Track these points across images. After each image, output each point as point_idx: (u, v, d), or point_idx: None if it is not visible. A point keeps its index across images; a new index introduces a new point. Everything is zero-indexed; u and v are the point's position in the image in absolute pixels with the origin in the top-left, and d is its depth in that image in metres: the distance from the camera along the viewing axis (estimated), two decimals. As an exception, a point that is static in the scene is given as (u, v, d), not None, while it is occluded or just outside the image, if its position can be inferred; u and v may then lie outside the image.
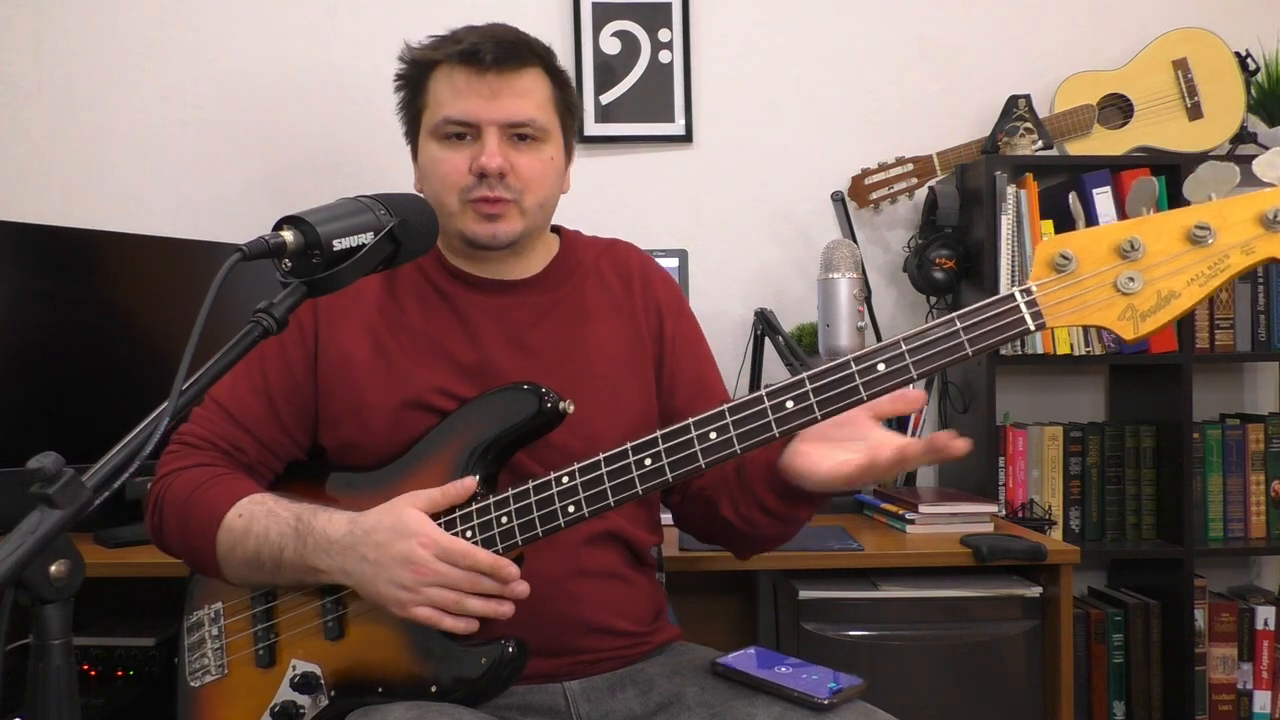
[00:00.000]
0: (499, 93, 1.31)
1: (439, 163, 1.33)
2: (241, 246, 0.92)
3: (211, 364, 0.92)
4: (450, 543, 1.13)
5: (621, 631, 1.33)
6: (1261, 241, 0.99)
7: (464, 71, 1.31)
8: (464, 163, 1.31)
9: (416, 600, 1.13)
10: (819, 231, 2.49)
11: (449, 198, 1.32)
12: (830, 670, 1.24)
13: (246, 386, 1.32)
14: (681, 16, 2.50)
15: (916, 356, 1.07)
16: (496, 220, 1.32)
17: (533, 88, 1.33)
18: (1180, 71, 2.49)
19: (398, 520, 1.14)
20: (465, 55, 1.30)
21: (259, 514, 1.22)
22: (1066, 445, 2.40)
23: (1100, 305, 1.02)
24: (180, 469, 1.29)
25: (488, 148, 1.30)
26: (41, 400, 1.97)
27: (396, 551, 1.13)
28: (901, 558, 1.91)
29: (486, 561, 1.13)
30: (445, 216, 1.32)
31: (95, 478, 0.81)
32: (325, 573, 1.18)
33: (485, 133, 1.31)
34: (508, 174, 1.31)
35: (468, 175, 1.31)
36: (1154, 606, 2.34)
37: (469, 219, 1.32)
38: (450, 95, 1.32)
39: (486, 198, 1.31)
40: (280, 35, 2.48)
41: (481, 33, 1.33)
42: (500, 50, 1.30)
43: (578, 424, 1.25)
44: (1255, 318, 2.40)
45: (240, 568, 1.24)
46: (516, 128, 1.32)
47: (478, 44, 1.30)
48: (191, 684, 1.32)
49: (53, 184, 2.45)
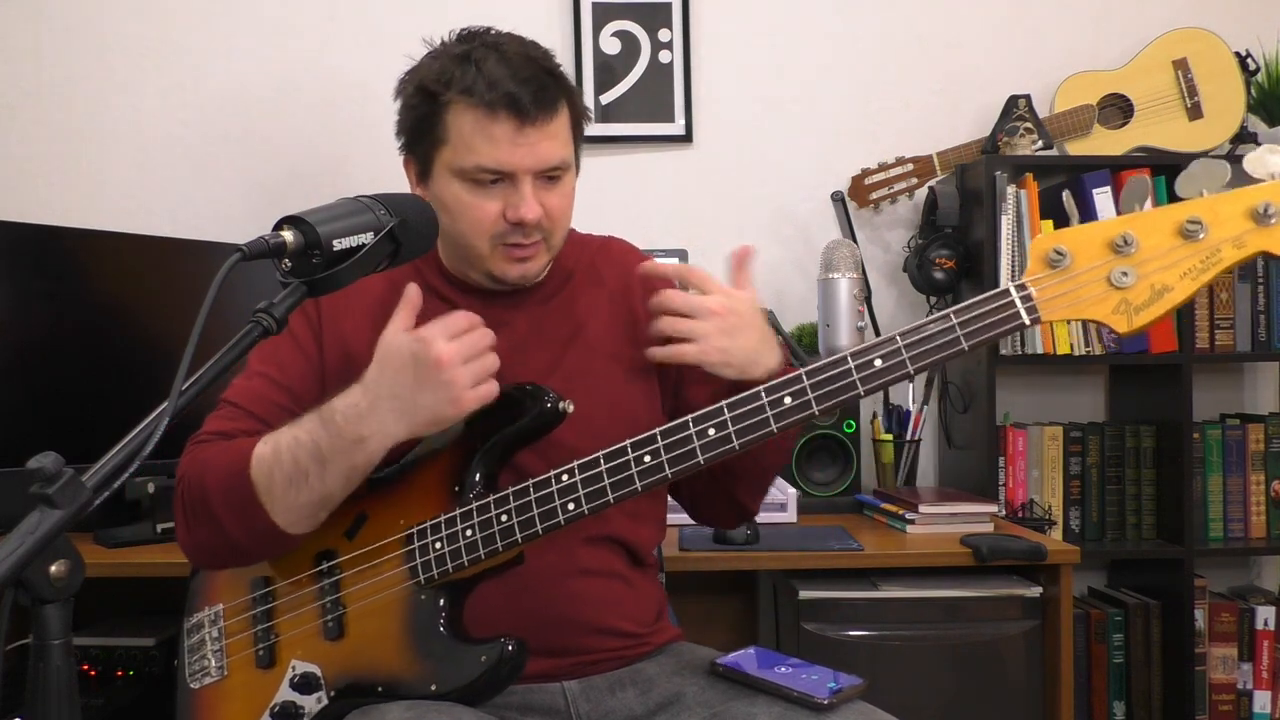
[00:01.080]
0: (537, 143, 1.26)
1: (470, 208, 1.28)
2: (241, 246, 0.92)
3: (211, 364, 0.92)
4: (436, 328, 1.13)
5: (622, 632, 1.33)
6: (1252, 235, 1.01)
7: (503, 124, 1.24)
8: (496, 208, 1.27)
9: (458, 387, 1.12)
10: (819, 231, 2.50)
11: (479, 241, 1.29)
12: (830, 670, 1.24)
13: (263, 383, 1.30)
14: (681, 16, 2.50)
15: (913, 351, 1.08)
16: (527, 262, 1.31)
17: (561, 127, 1.29)
18: (1180, 71, 2.49)
19: (387, 348, 1.15)
20: (503, 104, 1.24)
21: (282, 433, 1.18)
22: (1066, 445, 2.40)
23: (1094, 299, 1.03)
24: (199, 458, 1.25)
25: (525, 198, 1.26)
26: (41, 400, 1.97)
27: (413, 368, 1.12)
28: (901, 558, 1.91)
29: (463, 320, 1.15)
30: (471, 256, 1.31)
31: (95, 478, 0.81)
32: (368, 438, 1.14)
33: (520, 181, 1.26)
34: (541, 219, 1.29)
35: (501, 222, 1.27)
36: (1154, 606, 2.34)
37: (498, 260, 1.30)
38: (485, 144, 1.25)
39: (521, 244, 1.29)
40: (280, 35, 2.48)
41: (510, 70, 1.24)
42: (537, 98, 1.24)
43: (580, 425, 1.25)
44: (1255, 318, 2.40)
45: (284, 491, 1.17)
46: (549, 171, 1.29)
47: (515, 94, 1.23)
48: (191, 685, 1.32)
49: (53, 184, 2.45)
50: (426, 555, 1.19)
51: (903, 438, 2.34)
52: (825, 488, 2.27)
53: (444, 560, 1.18)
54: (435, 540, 1.19)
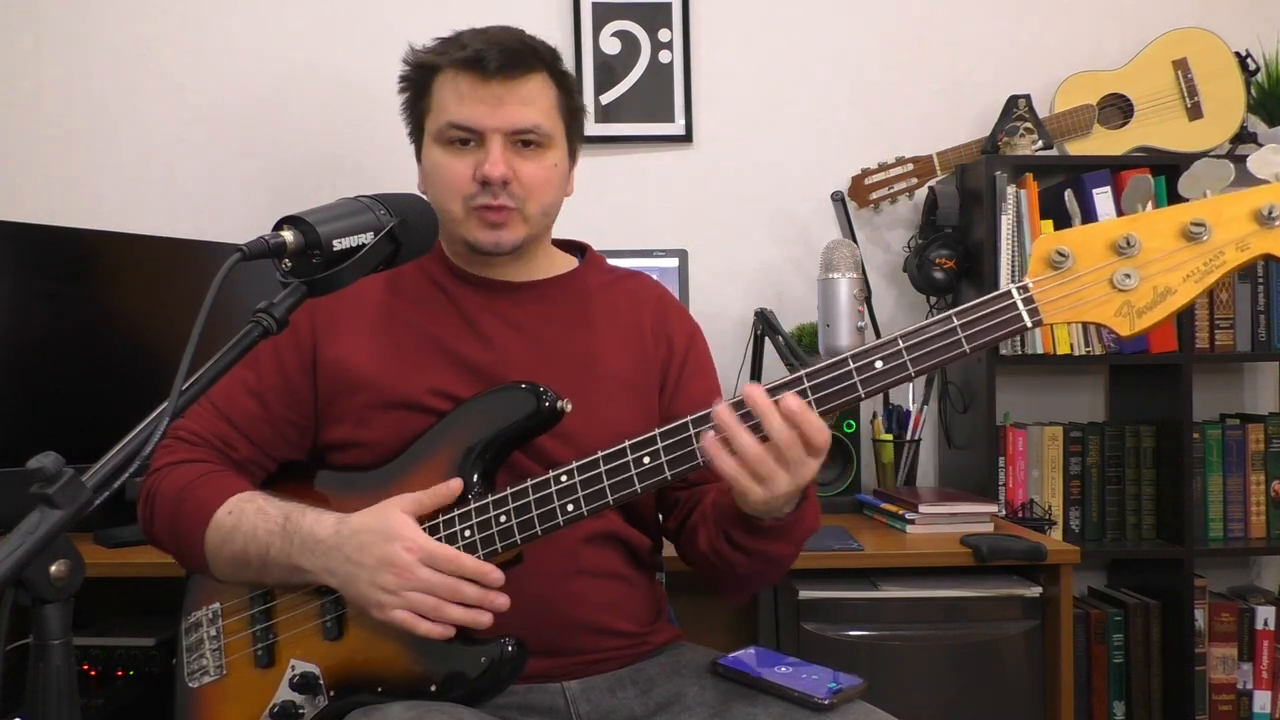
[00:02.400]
0: (503, 100, 1.30)
1: (442, 168, 1.33)
2: (241, 246, 0.92)
3: (211, 364, 0.92)
4: (435, 547, 1.14)
5: (622, 631, 1.33)
6: (1256, 237, 1.00)
7: (468, 78, 1.30)
8: (467, 169, 1.31)
9: (396, 603, 1.13)
10: (819, 231, 2.49)
11: (453, 204, 1.32)
12: (830, 670, 1.24)
13: (240, 386, 1.33)
14: (681, 16, 2.50)
15: (914, 354, 1.07)
16: (500, 228, 1.32)
17: (537, 94, 1.33)
18: (1180, 71, 2.49)
19: (384, 523, 1.15)
20: (469, 62, 1.30)
21: (249, 511, 1.22)
22: (1066, 445, 2.40)
23: (1097, 302, 1.02)
24: (173, 464, 1.30)
25: (491, 156, 1.30)
26: (41, 400, 1.97)
27: (381, 554, 1.13)
28: (901, 558, 1.91)
29: (471, 566, 1.14)
30: (450, 222, 1.33)
31: (95, 478, 0.81)
32: (310, 572, 1.19)
33: (489, 140, 1.30)
34: (511, 182, 1.31)
35: (471, 182, 1.31)
36: (1154, 606, 2.34)
37: (473, 226, 1.33)
38: (454, 101, 1.31)
39: (490, 205, 1.31)
40: (280, 35, 2.48)
41: (486, 37, 1.32)
42: (504, 57, 1.29)
43: (581, 424, 1.26)
44: (1255, 318, 2.40)
45: (227, 565, 1.25)
46: (520, 134, 1.32)
47: (482, 50, 1.29)
48: (190, 685, 1.33)
49: (53, 184, 2.45)
50: (427, 555, 1.19)
51: (903, 438, 2.34)
52: (825, 488, 2.27)
53: (444, 560, 1.18)
54: (435, 540, 1.19)
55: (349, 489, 1.29)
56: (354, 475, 1.30)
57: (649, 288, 1.47)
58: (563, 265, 1.45)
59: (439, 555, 1.13)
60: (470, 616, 1.14)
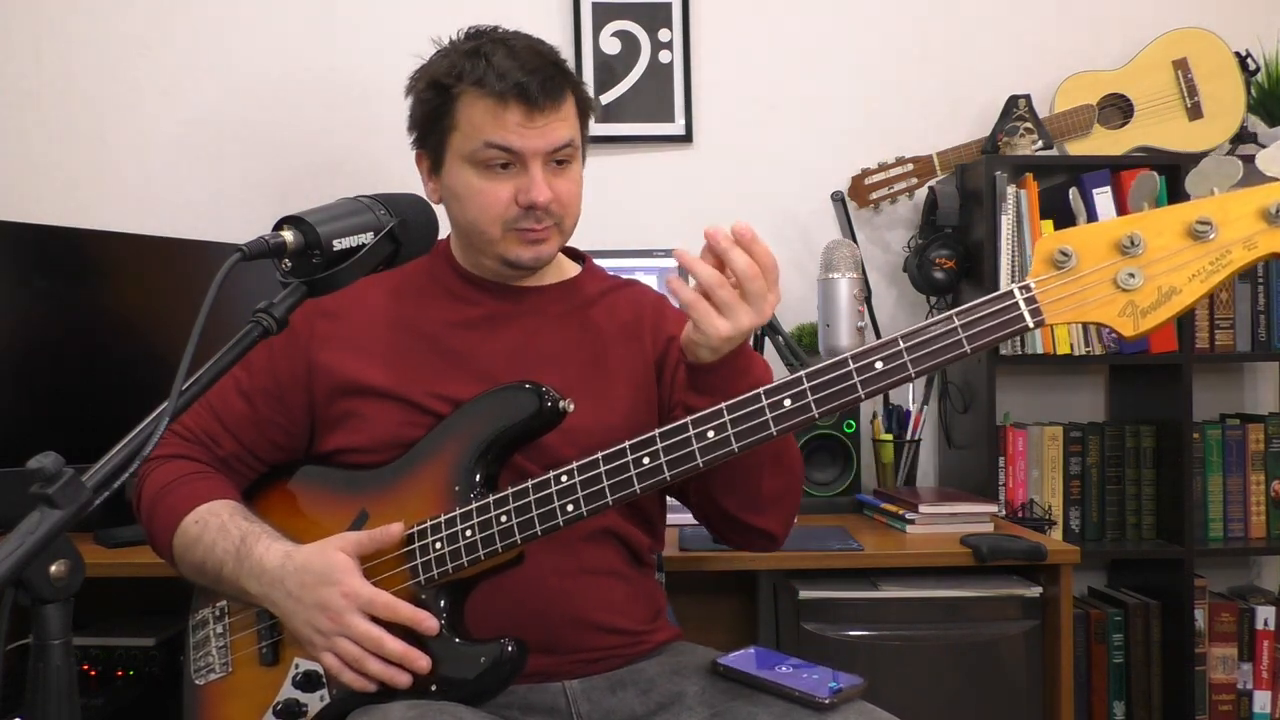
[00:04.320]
0: (545, 127, 1.29)
1: (481, 193, 1.31)
2: (241, 246, 0.92)
3: (211, 364, 0.92)
4: (372, 594, 1.15)
5: (621, 630, 1.33)
6: (1264, 236, 0.97)
7: (514, 108, 1.27)
8: (508, 194, 1.30)
9: (326, 646, 1.16)
10: (819, 231, 2.49)
11: (490, 227, 1.32)
12: (830, 670, 1.24)
13: (232, 385, 1.34)
14: (681, 16, 2.50)
15: (915, 354, 1.06)
16: (540, 244, 1.33)
17: (569, 111, 1.33)
18: (1180, 71, 2.49)
19: (326, 564, 1.17)
20: (514, 93, 1.27)
21: (212, 525, 1.26)
22: (1066, 445, 2.40)
23: (1100, 302, 1.01)
24: (161, 458, 1.33)
25: (535, 181, 1.29)
26: (41, 400, 1.97)
27: (317, 596, 1.16)
28: (901, 558, 1.91)
29: (406, 614, 1.15)
30: (483, 241, 1.33)
31: (95, 478, 0.81)
32: (255, 596, 1.23)
33: (530, 163, 1.30)
34: (552, 202, 1.31)
35: (513, 207, 1.30)
36: (1154, 606, 2.34)
37: (512, 244, 1.33)
38: (493, 125, 1.28)
39: (534, 228, 1.32)
40: (280, 35, 2.48)
41: (518, 62, 1.28)
42: (546, 87, 1.28)
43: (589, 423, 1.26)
44: (1255, 318, 2.40)
45: (189, 571, 1.30)
46: (556, 152, 1.32)
47: (524, 83, 1.27)
48: (196, 682, 1.34)
49: (53, 184, 2.45)
50: (427, 555, 1.19)
51: (903, 438, 2.34)
52: (825, 488, 2.27)
53: (444, 560, 1.19)
54: (435, 540, 1.19)
55: (355, 488, 1.29)
56: (359, 474, 1.30)
57: (647, 293, 1.48)
58: (567, 271, 1.46)
59: (375, 602, 1.15)
60: (388, 674, 1.15)
